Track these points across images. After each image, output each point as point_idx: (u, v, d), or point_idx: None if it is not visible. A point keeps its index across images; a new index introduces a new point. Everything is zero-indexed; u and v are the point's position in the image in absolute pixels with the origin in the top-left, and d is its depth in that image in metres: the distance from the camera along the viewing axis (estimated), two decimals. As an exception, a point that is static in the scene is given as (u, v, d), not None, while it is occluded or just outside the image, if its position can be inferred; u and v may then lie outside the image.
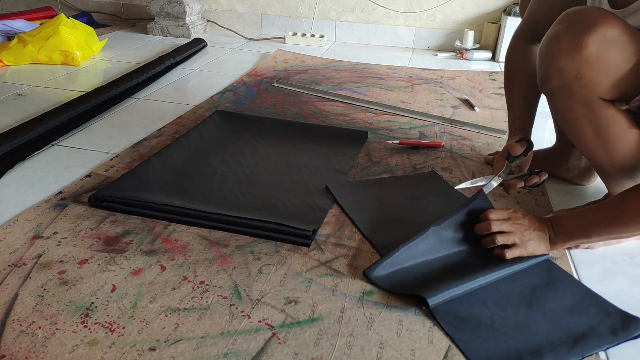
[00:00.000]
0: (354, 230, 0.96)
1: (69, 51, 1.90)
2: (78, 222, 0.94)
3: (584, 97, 0.82)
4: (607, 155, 0.86)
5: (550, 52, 0.82)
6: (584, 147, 0.89)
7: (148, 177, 1.09)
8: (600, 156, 0.88)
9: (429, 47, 2.45)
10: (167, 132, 1.35)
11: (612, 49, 0.77)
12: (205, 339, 0.70)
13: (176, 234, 0.92)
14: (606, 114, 0.82)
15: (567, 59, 0.79)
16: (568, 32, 0.79)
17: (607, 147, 0.85)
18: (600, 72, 0.78)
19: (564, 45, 0.79)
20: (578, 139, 0.89)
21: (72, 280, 0.79)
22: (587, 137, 0.87)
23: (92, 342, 0.68)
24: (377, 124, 1.49)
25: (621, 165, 0.86)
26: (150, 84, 1.75)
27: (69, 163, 1.18)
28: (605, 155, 0.87)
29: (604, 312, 0.76)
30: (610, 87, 0.79)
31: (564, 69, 0.80)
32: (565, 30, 0.79)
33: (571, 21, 0.79)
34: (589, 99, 0.82)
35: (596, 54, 0.77)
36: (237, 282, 0.81)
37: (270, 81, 1.83)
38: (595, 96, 0.81)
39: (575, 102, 0.83)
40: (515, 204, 1.07)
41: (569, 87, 0.82)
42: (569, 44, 0.78)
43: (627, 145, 0.84)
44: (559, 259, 0.89)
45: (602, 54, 0.77)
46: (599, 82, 0.79)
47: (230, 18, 2.62)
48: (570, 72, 0.80)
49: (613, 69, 0.78)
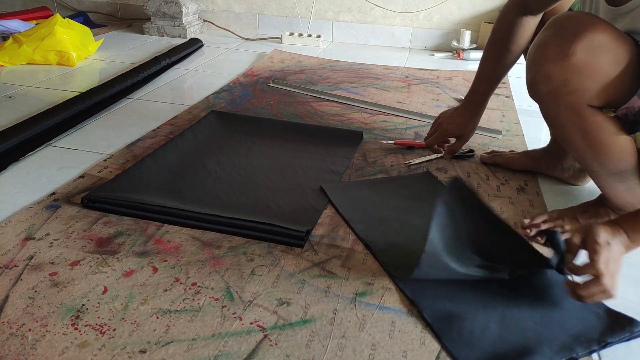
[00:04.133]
0: (347, 231, 0.96)
1: (65, 51, 1.89)
2: (70, 223, 0.94)
3: (571, 103, 0.82)
4: (598, 160, 0.86)
5: (538, 58, 0.82)
6: (574, 152, 0.89)
7: (141, 178, 1.08)
8: (591, 161, 0.87)
9: (426, 47, 2.45)
10: (161, 133, 1.35)
11: (600, 55, 0.77)
12: (196, 341, 0.69)
13: (169, 235, 0.92)
14: (594, 120, 0.82)
15: (554, 66, 0.79)
16: (555, 38, 0.79)
17: (597, 152, 0.85)
18: (587, 78, 0.78)
19: (552, 52, 0.79)
20: (568, 143, 0.89)
21: (64, 282, 0.79)
22: (576, 143, 0.86)
23: (82, 345, 0.68)
24: (373, 124, 1.49)
25: (612, 170, 0.86)
26: (146, 84, 1.74)
27: (62, 164, 1.17)
28: (596, 160, 0.87)
29: (595, 312, 0.76)
30: (598, 93, 0.79)
31: (551, 75, 0.80)
32: (553, 37, 0.79)
33: (558, 27, 0.79)
34: (577, 106, 0.82)
35: (583, 61, 0.77)
36: (230, 283, 0.81)
37: (266, 81, 1.82)
38: (583, 103, 0.81)
39: (563, 108, 0.83)
40: (510, 204, 1.07)
41: (557, 93, 0.82)
42: (556, 51, 0.78)
43: (616, 151, 0.84)
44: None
45: (589, 60, 0.77)
46: (587, 88, 0.79)
47: (227, 18, 2.61)
48: (558, 78, 0.80)
49: (600, 76, 0.78)
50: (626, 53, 0.77)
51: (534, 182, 1.16)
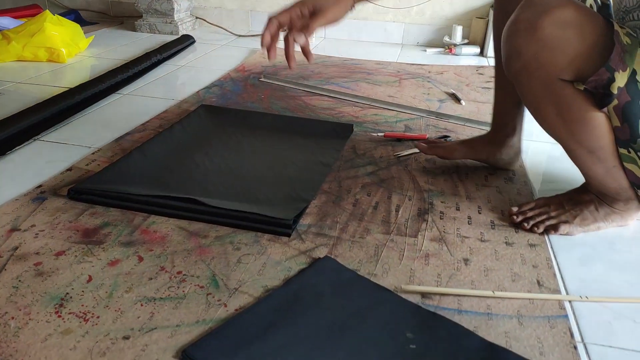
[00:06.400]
0: (335, 220, 0.96)
1: (55, 48, 1.89)
2: (56, 214, 0.94)
3: (542, 77, 0.83)
4: (574, 138, 0.87)
5: (509, 34, 0.84)
6: (551, 130, 0.90)
7: (129, 170, 1.08)
8: (567, 138, 0.88)
9: (418, 42, 2.45)
10: (150, 127, 1.34)
11: (568, 29, 0.79)
12: (180, 327, 0.69)
13: (155, 225, 0.92)
14: (565, 94, 0.83)
15: (524, 40, 0.82)
16: (526, 14, 0.81)
17: (571, 128, 0.86)
18: (556, 52, 0.80)
19: (522, 27, 0.82)
20: (543, 121, 0.90)
21: (48, 272, 0.79)
22: (550, 119, 0.88)
23: (65, 332, 0.67)
24: (364, 117, 1.49)
25: (588, 147, 0.87)
26: (136, 80, 1.74)
27: (50, 158, 1.17)
28: (572, 138, 0.87)
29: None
30: (567, 66, 0.81)
31: (521, 50, 0.83)
32: (523, 14, 0.82)
33: (529, 5, 0.82)
34: (548, 80, 0.83)
35: (552, 35, 0.79)
36: (215, 271, 0.80)
37: (257, 76, 1.82)
38: (554, 77, 0.83)
39: (534, 83, 0.85)
40: (498, 193, 1.07)
41: (528, 68, 0.83)
42: (526, 26, 0.81)
43: (590, 127, 0.85)
44: (539, 245, 0.89)
45: (557, 34, 0.79)
46: (556, 62, 0.81)
47: (220, 15, 2.61)
48: (528, 53, 0.82)
49: (569, 49, 0.80)
50: (594, 28, 0.79)
51: (522, 171, 1.16)
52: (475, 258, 0.87)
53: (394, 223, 0.96)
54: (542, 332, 0.71)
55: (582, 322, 0.74)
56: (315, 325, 0.70)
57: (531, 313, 0.75)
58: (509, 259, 0.87)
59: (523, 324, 0.73)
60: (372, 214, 0.99)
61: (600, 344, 0.70)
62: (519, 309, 0.75)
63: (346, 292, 0.77)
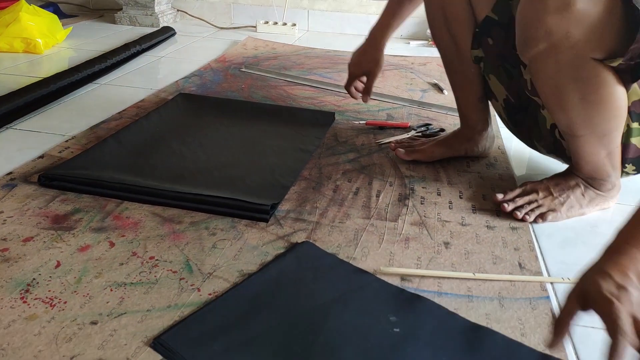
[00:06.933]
0: (315, 206, 0.94)
1: (31, 38, 1.84)
2: (26, 201, 0.90)
3: (572, 58, 0.78)
4: (589, 122, 0.84)
5: (534, 13, 0.77)
6: (565, 115, 0.86)
7: (103, 157, 1.05)
8: (581, 125, 0.85)
9: (402, 35, 2.44)
10: (127, 115, 1.31)
11: (599, 4, 0.73)
12: (150, 312, 0.67)
13: (128, 211, 0.89)
14: (596, 73, 0.79)
15: (555, 18, 0.75)
16: None
17: (591, 113, 0.83)
18: (589, 29, 0.74)
19: (551, 4, 0.75)
20: (561, 108, 0.85)
21: (15, 258, 0.76)
22: (570, 104, 0.83)
23: (30, 317, 0.65)
24: (346, 106, 1.47)
25: (600, 132, 0.84)
26: (114, 70, 1.70)
27: (22, 145, 1.13)
28: (586, 123, 0.84)
29: None
30: (600, 44, 0.76)
31: (552, 29, 0.76)
32: None
33: None
34: (578, 61, 0.78)
35: (585, 11, 0.73)
36: (189, 257, 0.78)
37: (238, 67, 1.79)
38: (586, 56, 0.78)
39: (562, 65, 0.79)
40: (479, 179, 1.06)
41: (558, 48, 0.78)
42: (556, 3, 0.74)
43: (611, 107, 0.81)
44: (520, 228, 0.88)
45: (589, 9, 0.73)
46: (589, 40, 0.75)
47: (201, 7, 2.57)
48: (559, 32, 0.76)
49: (601, 25, 0.74)
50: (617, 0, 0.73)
51: (503, 157, 1.15)
52: (456, 241, 0.85)
53: (375, 208, 0.94)
54: (523, 314, 0.70)
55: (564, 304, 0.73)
56: (296, 311, 0.68)
57: (512, 295, 0.74)
58: (490, 242, 0.85)
59: (504, 306, 0.71)
60: (352, 199, 0.97)
61: (582, 325, 0.69)
62: (500, 291, 0.74)
63: (327, 277, 0.75)
